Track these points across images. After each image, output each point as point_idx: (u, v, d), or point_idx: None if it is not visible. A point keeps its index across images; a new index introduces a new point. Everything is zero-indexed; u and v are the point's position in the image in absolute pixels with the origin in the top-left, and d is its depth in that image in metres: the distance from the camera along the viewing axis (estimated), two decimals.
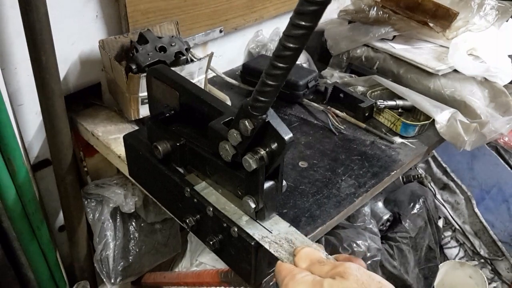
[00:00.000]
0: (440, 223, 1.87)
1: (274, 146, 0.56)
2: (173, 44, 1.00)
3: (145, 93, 0.85)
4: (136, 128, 1.04)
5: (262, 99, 0.51)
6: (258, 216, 0.65)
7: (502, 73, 1.17)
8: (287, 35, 0.45)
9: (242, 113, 0.54)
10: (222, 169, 0.65)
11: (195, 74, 1.01)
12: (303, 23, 0.43)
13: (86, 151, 1.16)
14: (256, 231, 0.63)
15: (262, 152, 0.57)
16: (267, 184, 0.61)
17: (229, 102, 1.14)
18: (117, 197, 1.14)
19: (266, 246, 0.61)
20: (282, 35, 0.46)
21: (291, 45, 0.45)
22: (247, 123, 0.54)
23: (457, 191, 1.90)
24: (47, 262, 1.19)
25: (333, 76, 1.32)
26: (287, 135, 0.54)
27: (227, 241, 0.66)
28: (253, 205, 0.62)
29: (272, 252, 0.60)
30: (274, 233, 0.63)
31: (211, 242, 0.68)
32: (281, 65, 0.47)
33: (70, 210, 1.12)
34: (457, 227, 1.92)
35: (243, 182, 0.63)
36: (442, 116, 1.08)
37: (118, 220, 1.18)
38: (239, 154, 0.59)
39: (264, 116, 0.54)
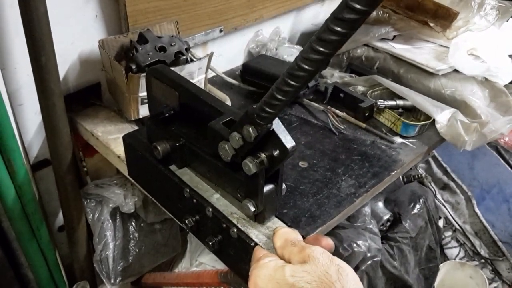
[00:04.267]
0: (441, 223, 1.87)
1: (276, 153, 0.56)
2: (173, 44, 1.00)
3: (145, 93, 0.85)
4: (136, 128, 1.03)
5: (269, 110, 0.51)
6: (258, 219, 0.65)
7: (503, 73, 1.17)
8: (304, 58, 0.44)
9: (247, 119, 0.54)
10: (222, 171, 0.65)
11: (195, 74, 1.01)
12: (322, 49, 0.42)
13: (85, 151, 1.16)
14: (225, 208, 0.67)
15: (263, 156, 0.56)
16: (267, 188, 0.62)
17: (228, 102, 1.14)
18: (117, 197, 1.14)
19: (234, 221, 0.65)
20: (298, 55, 0.45)
21: (307, 67, 0.45)
22: (251, 130, 0.53)
23: (458, 191, 1.90)
24: (47, 262, 1.19)
25: (333, 76, 1.32)
26: (290, 144, 0.54)
27: (226, 241, 0.66)
28: (252, 209, 0.62)
29: (239, 227, 0.64)
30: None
31: (210, 243, 0.68)
32: (293, 83, 0.47)
33: (69, 210, 1.12)
34: (458, 227, 1.92)
35: (243, 185, 0.63)
36: (442, 116, 1.08)
37: (117, 220, 1.18)
38: (239, 155, 0.59)
39: (269, 125, 0.53)
